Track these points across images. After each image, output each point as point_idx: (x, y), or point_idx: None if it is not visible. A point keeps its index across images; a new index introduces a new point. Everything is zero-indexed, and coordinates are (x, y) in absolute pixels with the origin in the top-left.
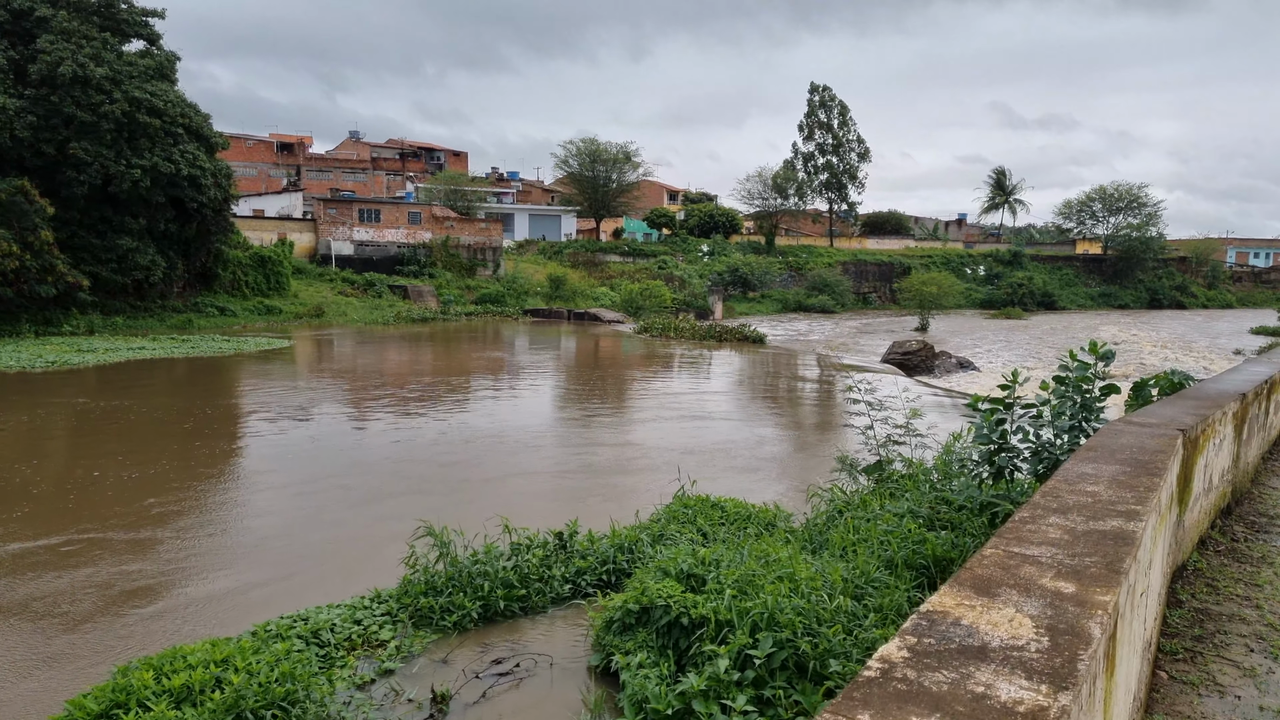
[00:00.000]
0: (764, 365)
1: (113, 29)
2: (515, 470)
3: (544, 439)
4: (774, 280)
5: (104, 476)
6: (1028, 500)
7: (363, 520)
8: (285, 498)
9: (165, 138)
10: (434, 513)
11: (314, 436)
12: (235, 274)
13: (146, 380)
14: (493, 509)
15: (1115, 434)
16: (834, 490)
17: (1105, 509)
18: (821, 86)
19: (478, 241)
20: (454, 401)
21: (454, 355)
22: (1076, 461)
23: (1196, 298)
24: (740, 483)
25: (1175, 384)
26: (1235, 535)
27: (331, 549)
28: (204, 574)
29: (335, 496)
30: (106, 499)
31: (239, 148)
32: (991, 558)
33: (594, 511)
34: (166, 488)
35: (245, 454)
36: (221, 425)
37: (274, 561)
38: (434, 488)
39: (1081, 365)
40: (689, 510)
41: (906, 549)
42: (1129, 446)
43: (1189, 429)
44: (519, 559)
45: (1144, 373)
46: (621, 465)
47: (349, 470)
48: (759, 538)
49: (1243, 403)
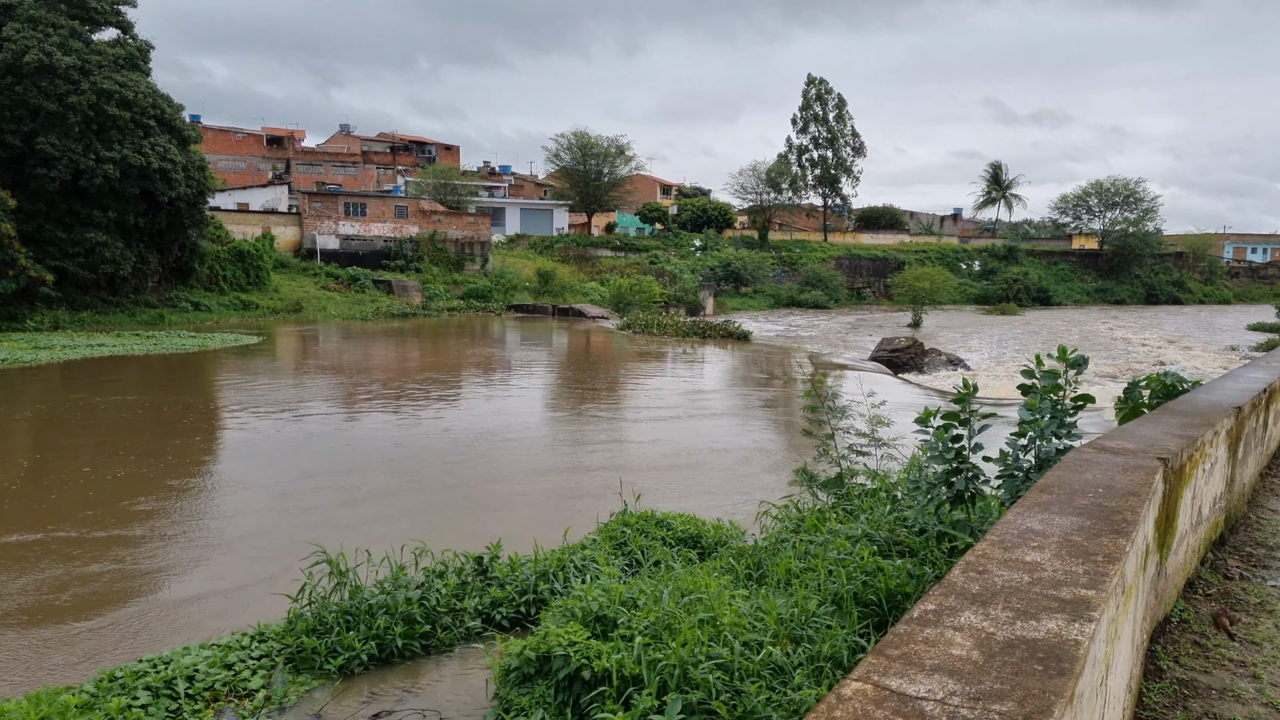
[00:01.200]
0: (745, 363)
1: (82, 17)
2: (456, 477)
3: (491, 443)
4: (767, 275)
5: (34, 480)
6: (952, 567)
7: (295, 526)
8: (227, 499)
9: (136, 130)
10: (368, 522)
11: (255, 438)
12: (213, 268)
13: (100, 378)
14: (420, 517)
15: (1080, 466)
16: (788, 507)
17: (1045, 595)
18: (818, 79)
19: (466, 236)
20: (411, 401)
21: (423, 353)
22: (1022, 510)
23: (1193, 293)
24: (699, 493)
25: (1168, 386)
26: (1229, 571)
27: (259, 557)
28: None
29: (265, 501)
30: (44, 502)
31: (228, 141)
32: (852, 702)
33: (532, 523)
34: (94, 493)
35: (186, 454)
36: (168, 424)
37: (207, 569)
38: (377, 493)
39: (1049, 374)
40: (628, 529)
41: (857, 581)
42: (1094, 486)
43: (1172, 457)
44: (429, 588)
45: (1138, 372)
46: (573, 471)
47: (287, 474)
48: (693, 567)
49: (1238, 418)
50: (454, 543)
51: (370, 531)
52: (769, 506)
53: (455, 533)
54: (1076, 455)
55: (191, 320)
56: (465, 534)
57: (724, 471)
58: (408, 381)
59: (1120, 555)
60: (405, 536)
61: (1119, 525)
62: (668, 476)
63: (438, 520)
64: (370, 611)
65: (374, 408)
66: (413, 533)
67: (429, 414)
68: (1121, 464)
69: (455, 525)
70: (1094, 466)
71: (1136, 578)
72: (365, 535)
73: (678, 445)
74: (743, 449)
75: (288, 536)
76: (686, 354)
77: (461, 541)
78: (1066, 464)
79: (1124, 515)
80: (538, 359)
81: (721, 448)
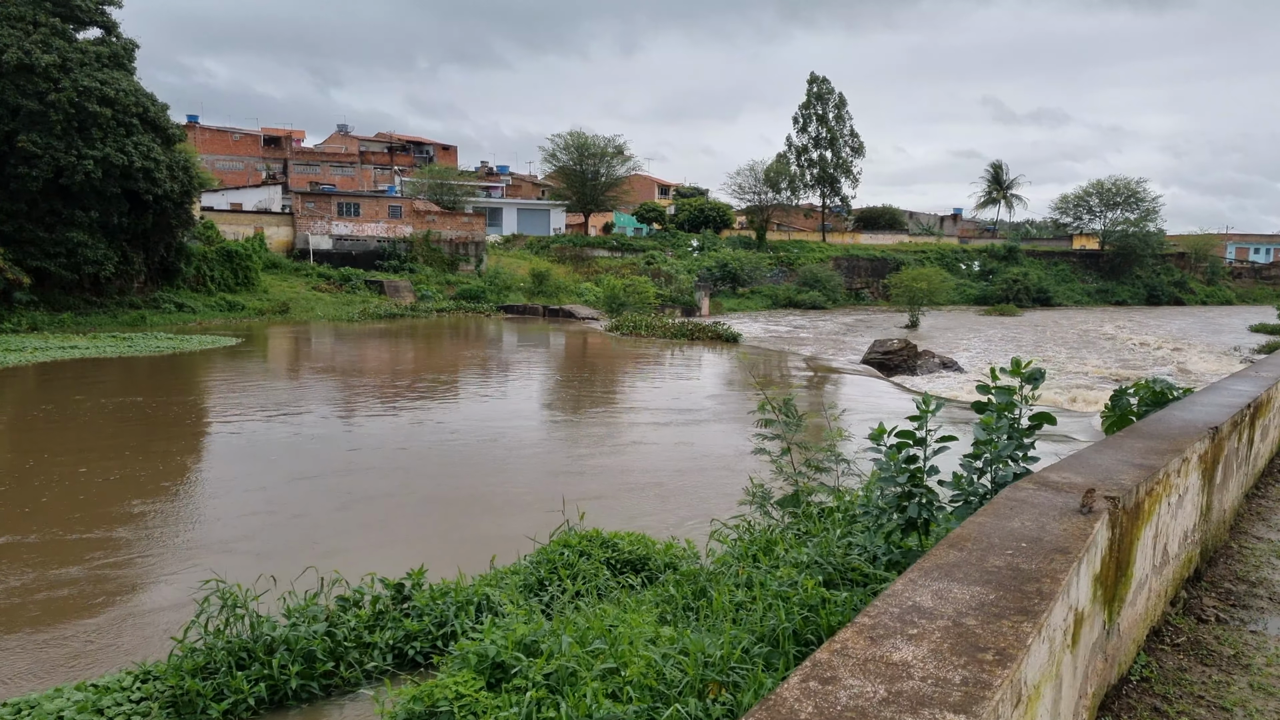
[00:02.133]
0: (729, 367)
1: (66, 16)
2: (401, 485)
3: (444, 450)
4: (764, 276)
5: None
6: (790, 675)
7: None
8: (169, 507)
9: (118, 128)
10: (303, 543)
11: (212, 442)
12: (200, 269)
13: (65, 382)
14: (360, 534)
15: (1009, 510)
16: (739, 527)
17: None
18: (820, 78)
19: (460, 236)
20: (377, 404)
21: (397, 356)
22: (917, 576)
23: (1195, 294)
24: (656, 509)
25: (1157, 394)
26: (1204, 613)
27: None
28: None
29: (226, 509)
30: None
31: (225, 141)
32: None
33: (473, 541)
34: (35, 507)
35: (141, 461)
36: (123, 429)
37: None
38: (328, 500)
39: (1003, 390)
40: (568, 551)
41: (796, 618)
42: (1018, 538)
43: (1125, 494)
44: (339, 620)
45: (1138, 374)
46: (528, 484)
47: (240, 479)
48: (622, 598)
49: (1214, 440)
50: (385, 561)
51: (306, 547)
52: (720, 525)
53: (391, 550)
54: (1010, 494)
55: (175, 322)
56: (402, 552)
57: (692, 484)
58: (374, 385)
59: (1019, 650)
60: (340, 553)
61: (1030, 601)
62: (630, 489)
63: (377, 536)
64: (269, 647)
65: (332, 413)
66: (350, 547)
67: (380, 421)
68: (1060, 505)
69: (393, 542)
70: (1025, 509)
71: (1051, 668)
72: (302, 550)
73: (645, 455)
74: (717, 458)
75: (252, 545)
76: (671, 357)
77: (393, 561)
78: (994, 507)
79: (1041, 584)
80: (515, 362)
81: (691, 457)
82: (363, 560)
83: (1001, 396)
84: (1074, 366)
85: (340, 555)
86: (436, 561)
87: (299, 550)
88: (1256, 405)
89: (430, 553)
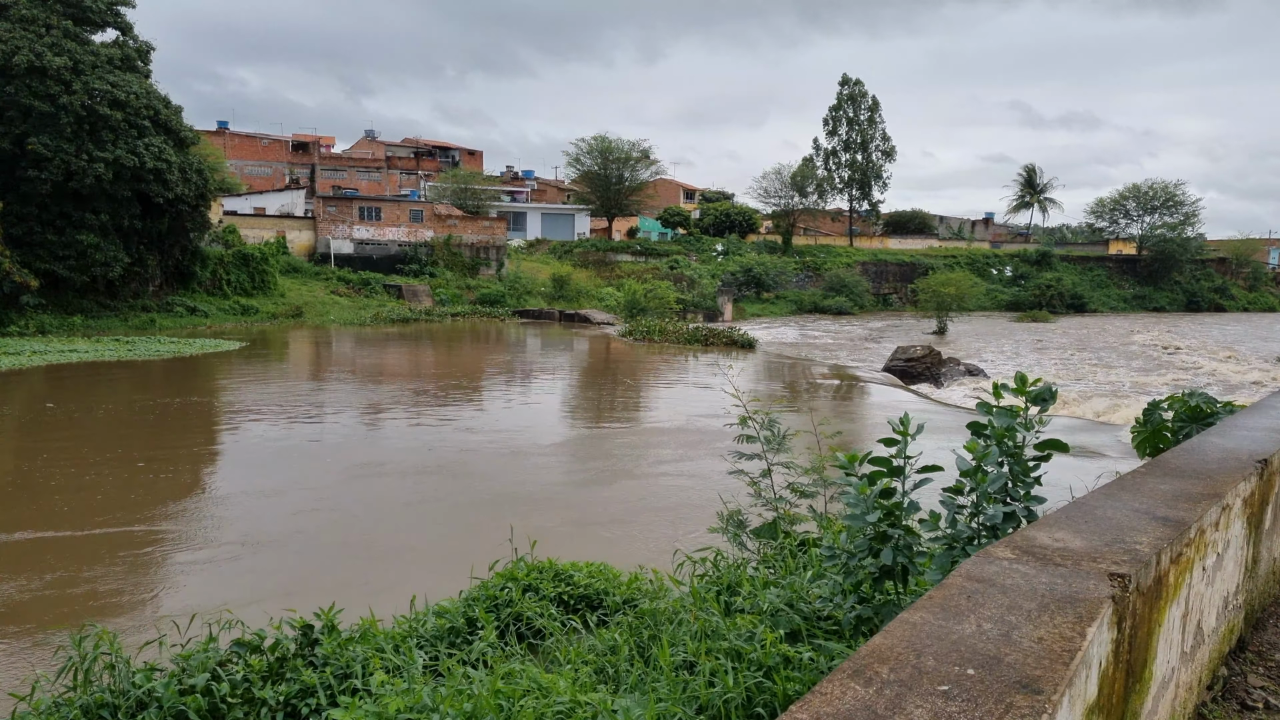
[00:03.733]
0: (740, 375)
1: (78, 18)
2: (364, 502)
3: (417, 458)
4: (789, 281)
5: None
6: None
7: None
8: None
9: (129, 130)
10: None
11: (176, 454)
12: (216, 272)
13: (51, 385)
14: (317, 555)
15: (965, 598)
16: (706, 560)
17: None
18: (853, 79)
19: (481, 240)
20: (364, 413)
21: (401, 360)
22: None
23: (1237, 300)
24: (632, 534)
25: (1194, 409)
26: (1250, 697)
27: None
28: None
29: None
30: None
31: (254, 147)
32: None
33: (430, 560)
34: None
35: (107, 466)
36: (80, 435)
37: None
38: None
39: (1005, 412)
40: (514, 584)
41: (743, 685)
42: (965, 655)
43: (1140, 568)
44: (228, 670)
45: (1171, 382)
46: (499, 499)
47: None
48: (558, 649)
49: (1262, 477)
50: (329, 586)
51: (244, 577)
52: (685, 558)
53: (330, 572)
54: (974, 569)
55: (186, 325)
56: (347, 576)
57: (687, 503)
58: (366, 392)
59: None
60: (277, 581)
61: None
62: (607, 511)
63: (330, 557)
64: (134, 708)
65: (315, 419)
66: (297, 570)
67: (368, 429)
68: (1044, 590)
69: (337, 564)
70: (989, 599)
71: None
72: (236, 578)
73: (638, 471)
74: (714, 477)
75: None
76: (683, 364)
77: (334, 585)
78: (945, 593)
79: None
80: (518, 369)
81: (688, 475)
82: (322, 587)
83: (1002, 419)
84: (1105, 375)
85: (282, 579)
86: (392, 591)
87: (227, 581)
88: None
89: (382, 580)
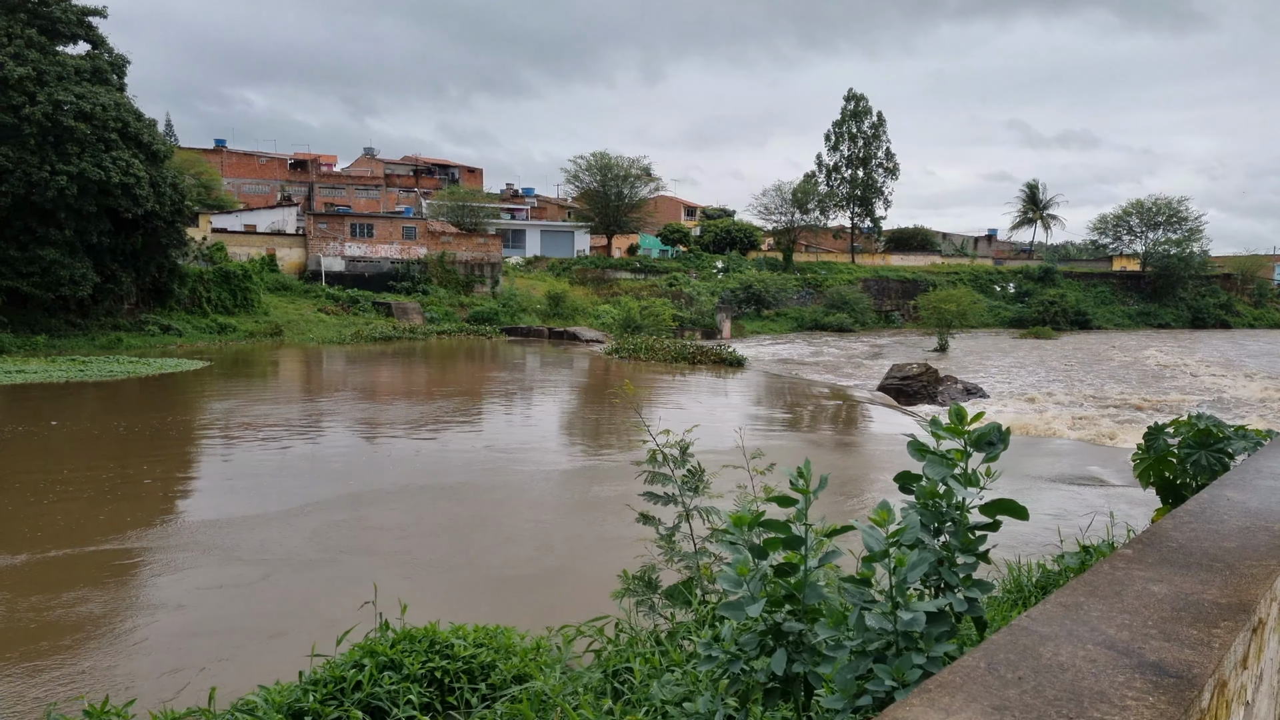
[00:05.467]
0: (720, 395)
1: (47, 29)
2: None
3: (328, 492)
4: (790, 298)
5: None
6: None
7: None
8: None
9: (96, 143)
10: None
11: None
12: (195, 290)
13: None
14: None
15: None
16: (603, 631)
17: None
18: (858, 95)
19: (475, 257)
20: (296, 439)
21: (365, 381)
22: None
23: (1242, 316)
24: (560, 586)
25: (1202, 433)
26: None
27: None
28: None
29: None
30: None
31: (252, 165)
32: None
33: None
34: None
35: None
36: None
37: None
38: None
39: (941, 460)
40: (368, 664)
41: None
42: None
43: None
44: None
45: (1182, 406)
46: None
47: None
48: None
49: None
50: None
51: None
52: (575, 632)
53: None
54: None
55: (157, 344)
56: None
57: (627, 549)
58: (309, 414)
59: None
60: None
61: None
62: (531, 557)
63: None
64: None
65: (237, 444)
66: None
67: (282, 456)
68: None
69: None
70: None
71: None
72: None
73: (588, 516)
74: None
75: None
76: (664, 384)
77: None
78: None
79: None
80: (484, 388)
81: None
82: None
83: (937, 470)
84: (1105, 392)
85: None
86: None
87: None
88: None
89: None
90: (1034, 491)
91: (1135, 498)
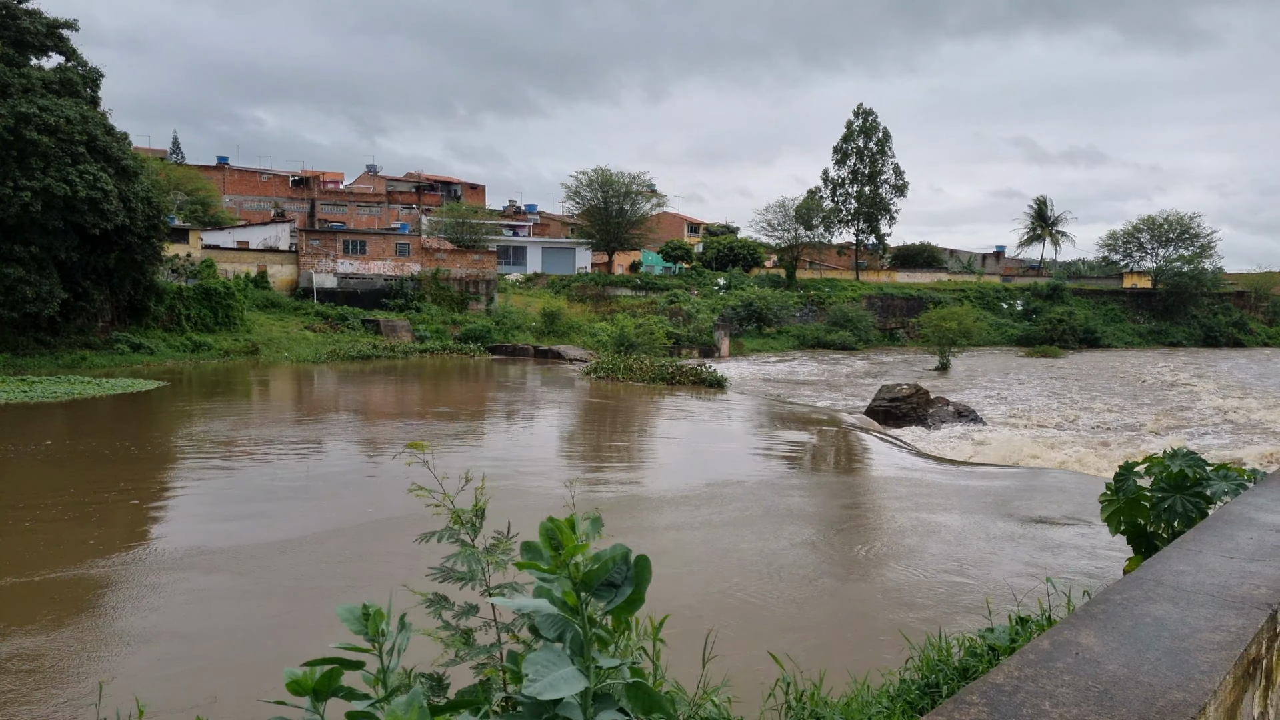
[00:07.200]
0: (690, 419)
1: (16, 41)
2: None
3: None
4: (792, 315)
5: None
6: None
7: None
8: None
9: (62, 157)
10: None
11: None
12: (174, 307)
13: None
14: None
15: None
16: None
17: None
18: (867, 110)
19: (470, 274)
20: (207, 470)
21: (316, 402)
22: None
23: (1256, 335)
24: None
25: (1175, 475)
26: None
27: None
28: None
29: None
30: None
31: (253, 182)
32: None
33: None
34: None
35: None
36: None
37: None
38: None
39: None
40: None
41: None
42: None
43: None
44: None
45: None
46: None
47: None
48: None
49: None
50: None
51: None
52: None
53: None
54: None
55: (126, 363)
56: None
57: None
58: (233, 442)
59: None
60: None
61: None
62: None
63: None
64: None
65: (153, 478)
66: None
67: (178, 494)
68: None
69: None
70: None
71: None
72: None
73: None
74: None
75: None
76: (631, 407)
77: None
78: None
79: None
80: (433, 411)
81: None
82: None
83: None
84: (1109, 418)
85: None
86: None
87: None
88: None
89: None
90: (1007, 538)
91: (1120, 544)
